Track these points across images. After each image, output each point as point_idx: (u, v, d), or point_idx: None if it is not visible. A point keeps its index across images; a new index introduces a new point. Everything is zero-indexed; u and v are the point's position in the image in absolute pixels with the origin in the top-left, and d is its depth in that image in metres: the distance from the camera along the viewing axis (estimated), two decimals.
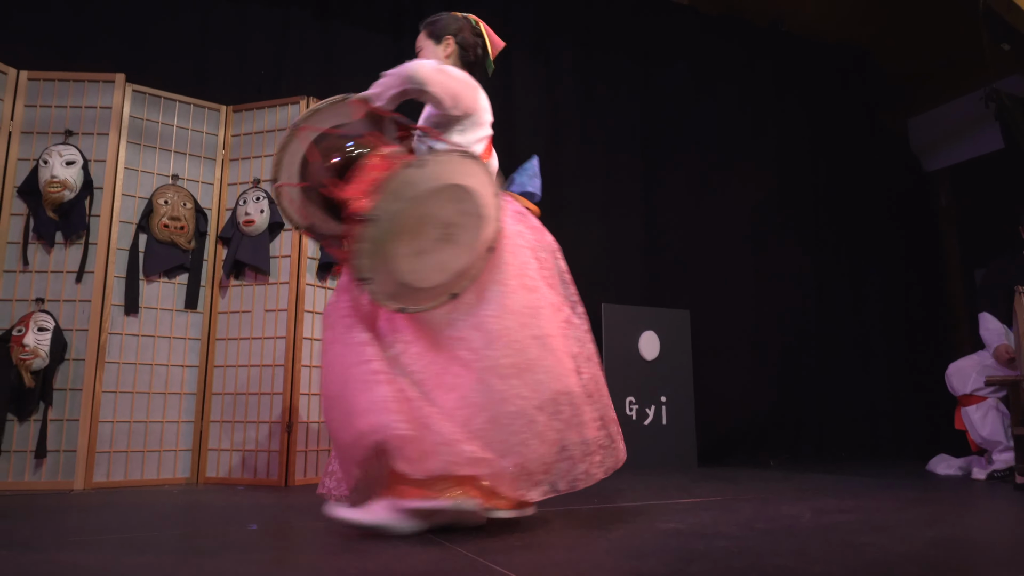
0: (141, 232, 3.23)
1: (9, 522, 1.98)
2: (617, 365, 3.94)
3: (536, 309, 1.79)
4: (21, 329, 2.94)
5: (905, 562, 1.44)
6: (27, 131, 3.14)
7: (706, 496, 2.60)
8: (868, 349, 5.16)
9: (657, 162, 4.75)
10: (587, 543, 1.66)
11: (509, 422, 1.69)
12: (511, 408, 1.69)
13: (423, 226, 1.61)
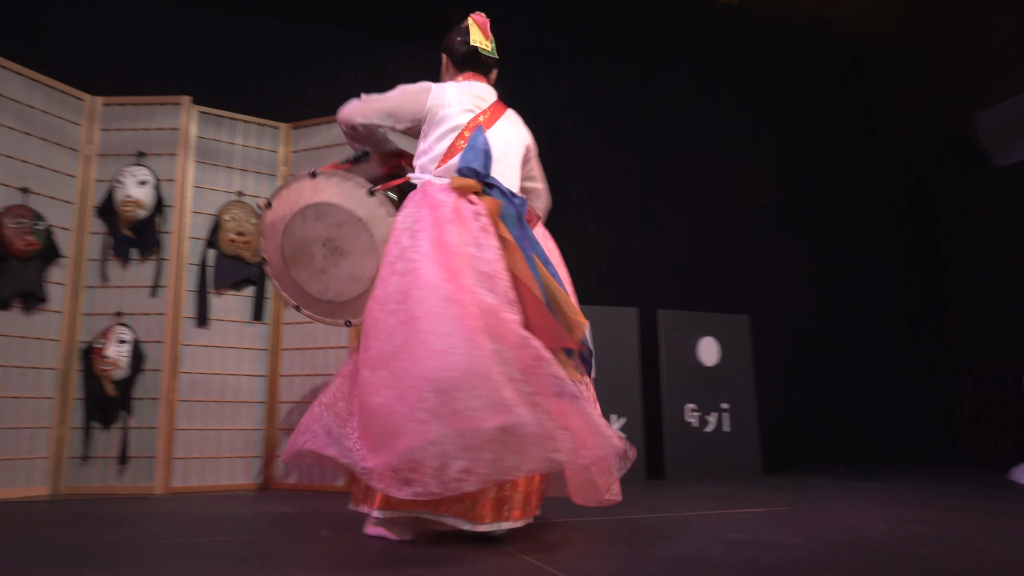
0: (209, 247, 3.36)
1: (97, 526, 2.09)
2: (675, 372, 3.90)
3: (406, 292, 1.67)
4: (102, 342, 3.10)
5: None
6: (103, 154, 3.30)
7: (773, 506, 2.55)
8: (947, 351, 4.95)
9: (710, 167, 4.68)
10: (653, 553, 1.64)
11: (374, 416, 1.59)
12: (376, 400, 1.59)
13: (306, 250, 1.86)
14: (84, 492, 3.02)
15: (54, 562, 1.57)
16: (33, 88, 3.08)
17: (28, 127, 3.05)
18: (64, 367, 3.09)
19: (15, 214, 2.94)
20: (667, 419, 3.85)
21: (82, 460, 3.06)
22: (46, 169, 3.11)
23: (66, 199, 3.18)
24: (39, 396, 3.01)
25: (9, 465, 2.88)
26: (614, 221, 4.40)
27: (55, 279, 3.10)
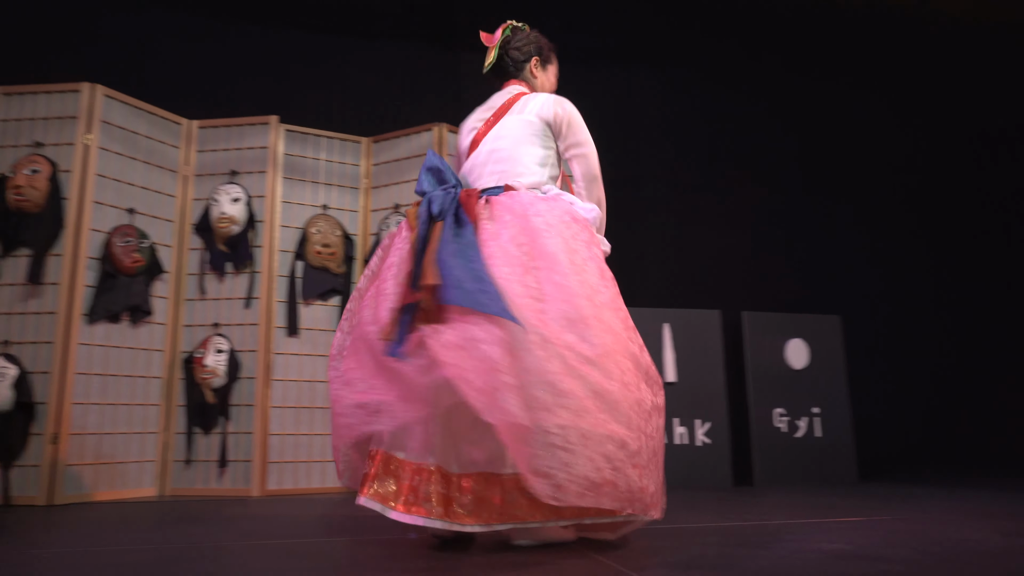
0: (297, 260, 3.51)
1: (201, 526, 2.21)
2: (762, 375, 3.78)
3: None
4: (202, 351, 3.28)
5: None
6: (199, 174, 3.50)
7: (873, 515, 2.42)
8: None
9: (794, 164, 4.53)
10: (745, 562, 1.60)
11: None
12: None
13: None
14: (187, 494, 3.20)
15: (162, 562, 1.67)
16: (137, 115, 3.31)
17: (133, 151, 3.28)
18: (168, 376, 3.29)
19: (122, 233, 3.15)
20: (755, 424, 3.73)
21: (185, 463, 3.24)
22: (149, 190, 3.32)
23: (167, 218, 3.39)
24: (147, 403, 3.21)
25: (121, 468, 3.09)
26: (695, 223, 4.32)
27: (159, 293, 3.30)
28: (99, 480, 3.01)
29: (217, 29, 3.95)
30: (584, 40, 4.46)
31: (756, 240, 4.38)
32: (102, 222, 3.13)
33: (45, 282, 2.99)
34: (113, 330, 3.12)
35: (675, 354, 3.67)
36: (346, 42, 4.11)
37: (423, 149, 3.58)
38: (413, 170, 3.60)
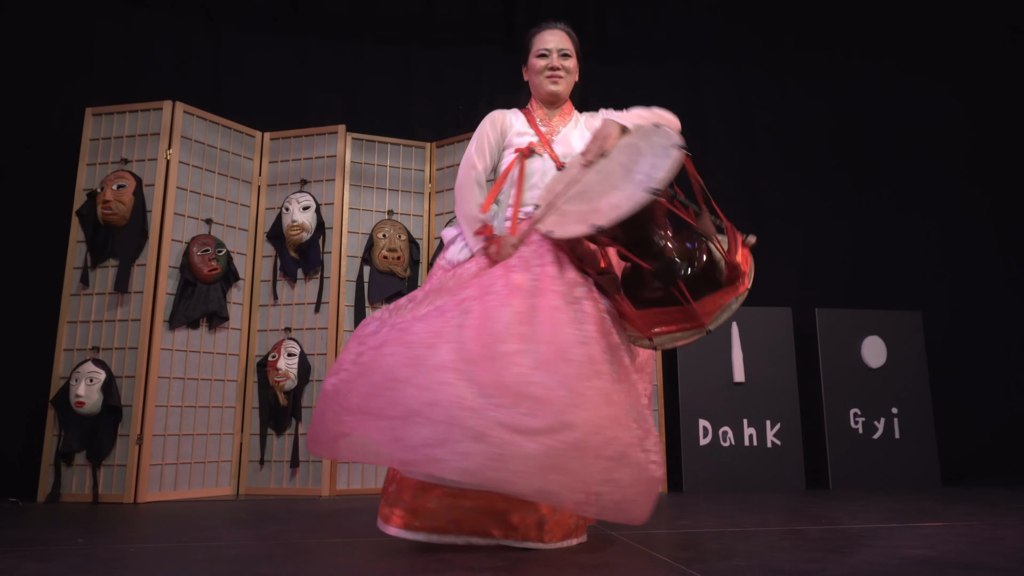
0: (365, 264, 3.59)
1: (279, 524, 2.28)
2: (837, 375, 3.64)
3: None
4: (275, 355, 3.39)
5: None
6: (271, 184, 3.63)
7: (958, 520, 2.30)
8: None
9: (869, 151, 4.36)
10: (822, 568, 1.54)
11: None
12: None
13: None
14: (261, 493, 3.31)
15: (239, 559, 1.73)
16: (213, 129, 3.46)
17: (210, 164, 3.43)
18: (243, 379, 3.42)
19: (201, 243, 3.30)
20: (829, 425, 3.60)
21: (260, 464, 3.36)
22: (225, 201, 3.47)
23: (242, 227, 3.53)
24: (223, 405, 3.34)
25: (200, 468, 3.22)
26: (766, 218, 4.21)
27: (234, 299, 3.44)
28: (180, 480, 3.15)
29: (285, 43, 4.08)
30: (653, 36, 4.42)
31: (829, 234, 4.23)
32: (181, 232, 3.29)
33: (130, 291, 3.15)
34: (192, 336, 3.27)
35: (743, 354, 3.58)
36: (410, 50, 4.19)
37: None
38: None
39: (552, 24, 2.15)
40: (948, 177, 4.38)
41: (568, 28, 2.15)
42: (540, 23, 2.17)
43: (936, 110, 4.44)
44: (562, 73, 2.08)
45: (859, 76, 4.46)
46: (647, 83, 4.28)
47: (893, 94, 4.46)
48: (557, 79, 2.09)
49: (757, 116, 4.36)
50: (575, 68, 2.12)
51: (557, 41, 2.10)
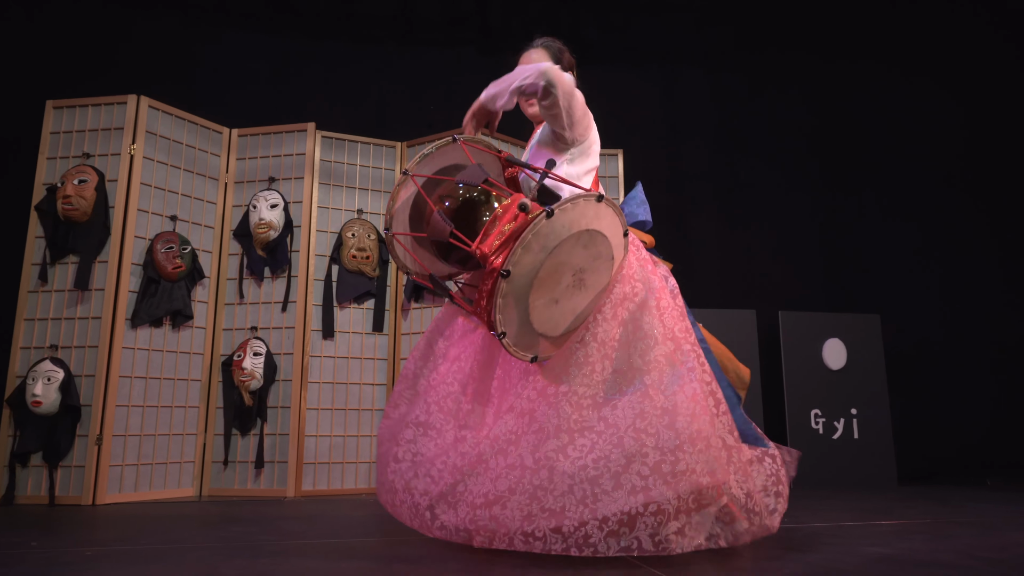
0: (333, 264, 3.56)
1: (245, 525, 2.25)
2: (798, 376, 3.73)
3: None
4: (240, 354, 3.34)
5: None
6: (238, 181, 3.58)
7: (914, 518, 2.37)
8: None
9: (834, 159, 4.46)
10: (782, 565, 1.58)
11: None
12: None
13: (557, 275, 1.56)
14: (225, 494, 3.27)
15: (202, 561, 1.70)
16: (179, 125, 3.40)
17: (175, 160, 3.36)
18: (207, 378, 3.37)
19: (165, 240, 3.24)
20: (791, 426, 3.68)
21: (223, 464, 3.31)
22: (190, 197, 3.41)
23: (208, 224, 3.47)
24: (187, 405, 3.29)
25: (161, 469, 3.16)
26: (730, 223, 4.28)
27: (199, 298, 3.38)
28: (140, 481, 3.08)
29: (257, 39, 4.04)
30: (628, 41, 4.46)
31: (792, 238, 4.32)
32: (145, 229, 3.22)
33: (91, 288, 3.08)
34: (155, 334, 3.20)
35: None
36: (381, 49, 4.18)
37: None
38: None
39: (530, 44, 2.13)
40: (910, 183, 4.50)
41: (548, 43, 2.12)
42: (525, 44, 2.16)
43: (898, 118, 4.56)
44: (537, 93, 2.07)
45: (830, 80, 4.56)
46: (623, 86, 4.33)
47: (861, 101, 4.57)
48: (533, 101, 2.08)
49: (729, 119, 4.43)
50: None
51: (528, 62, 2.09)
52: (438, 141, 1.77)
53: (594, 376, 1.61)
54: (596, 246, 1.61)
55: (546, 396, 1.59)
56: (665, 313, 1.73)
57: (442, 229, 1.63)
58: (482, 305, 1.56)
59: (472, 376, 1.77)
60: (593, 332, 1.65)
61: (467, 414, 1.73)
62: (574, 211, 1.53)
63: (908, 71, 4.64)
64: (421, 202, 1.72)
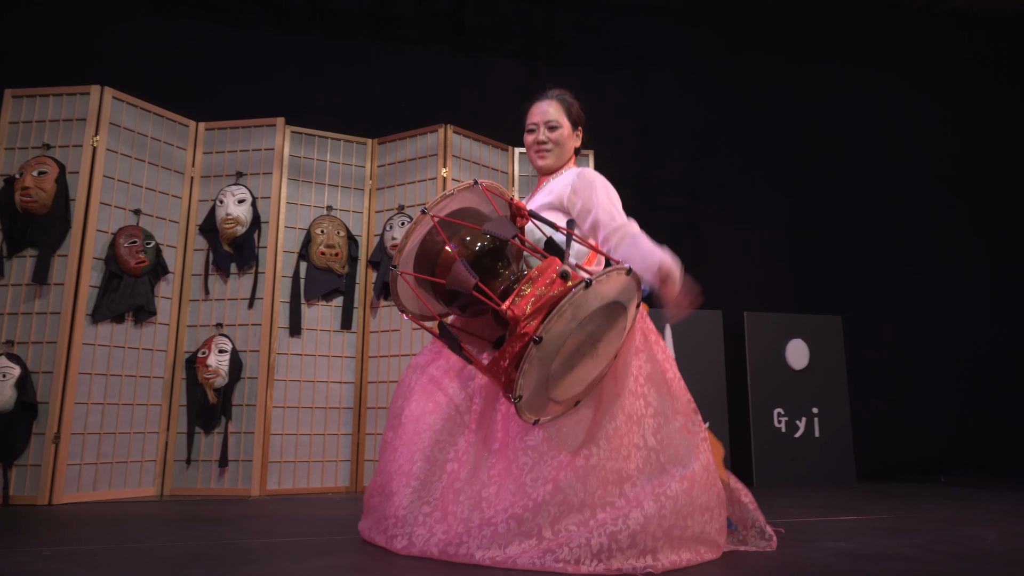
0: (301, 260, 3.52)
1: (208, 524, 2.21)
2: (762, 375, 3.80)
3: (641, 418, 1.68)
4: (205, 351, 3.28)
5: None
6: (205, 175, 3.52)
7: (874, 514, 2.44)
8: None
9: (801, 163, 4.56)
10: (748, 561, 1.61)
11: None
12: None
13: (580, 343, 1.56)
14: (187, 493, 3.21)
15: (167, 561, 1.68)
16: (144, 117, 3.32)
17: (140, 153, 3.29)
18: (170, 376, 3.30)
19: (128, 234, 3.16)
20: (754, 424, 3.75)
21: (186, 463, 3.25)
22: (155, 191, 3.34)
23: (173, 219, 3.40)
24: (149, 403, 3.22)
25: (122, 468, 3.09)
26: (697, 223, 4.34)
27: (163, 294, 3.32)
28: (99, 480, 3.01)
29: (224, 31, 3.98)
30: (602, 41, 4.50)
31: (759, 240, 4.40)
32: (108, 223, 3.14)
33: (50, 282, 3.00)
34: (117, 330, 3.13)
35: (676, 354, 3.69)
36: (353, 45, 4.15)
37: (428, 150, 3.61)
38: (418, 171, 3.62)
39: (543, 95, 2.12)
40: (873, 187, 4.62)
41: (562, 94, 2.10)
42: (536, 93, 2.12)
43: (866, 121, 4.68)
44: (549, 147, 2.06)
45: (799, 83, 4.66)
46: (595, 86, 4.36)
47: (831, 105, 4.68)
48: (544, 154, 2.07)
49: (699, 121, 4.49)
50: (566, 137, 2.08)
51: (543, 113, 2.07)
52: (459, 184, 1.72)
53: (621, 451, 1.60)
54: (616, 317, 1.61)
55: (574, 468, 1.56)
56: (674, 384, 1.75)
57: (464, 280, 1.58)
58: (502, 366, 1.52)
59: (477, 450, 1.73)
60: (621, 405, 1.64)
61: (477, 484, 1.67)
62: (608, 283, 1.53)
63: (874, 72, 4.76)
64: (431, 243, 1.67)
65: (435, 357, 1.89)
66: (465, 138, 3.65)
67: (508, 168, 3.84)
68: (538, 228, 1.75)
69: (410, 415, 1.78)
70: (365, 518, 1.87)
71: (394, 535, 1.67)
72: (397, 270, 1.68)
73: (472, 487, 1.64)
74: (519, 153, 3.86)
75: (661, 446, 1.64)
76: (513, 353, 1.50)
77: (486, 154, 3.76)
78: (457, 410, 1.76)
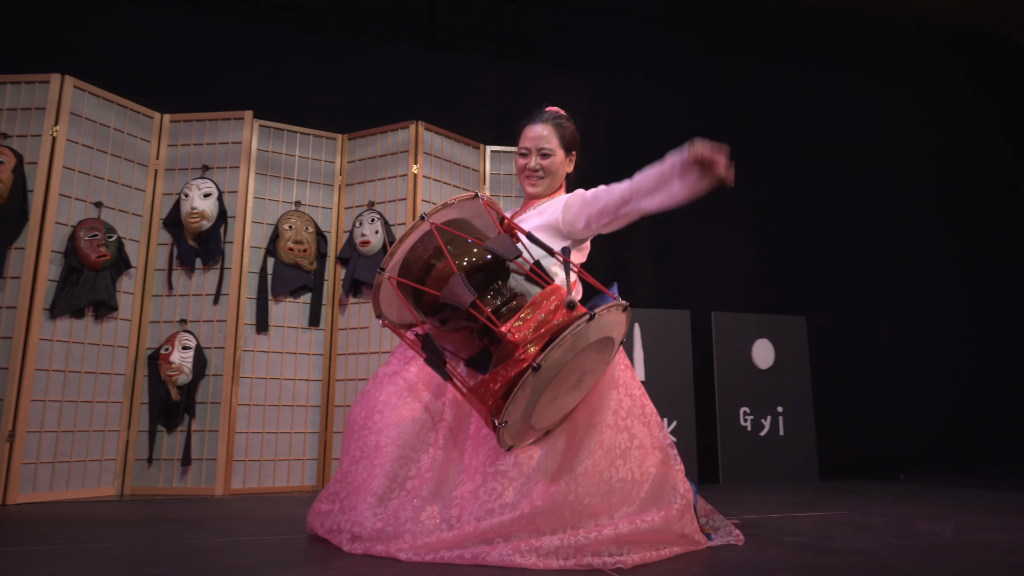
0: (269, 256, 3.47)
1: (169, 524, 2.17)
2: (729, 375, 3.85)
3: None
4: (168, 348, 3.22)
5: None
6: (170, 168, 3.45)
7: (835, 510, 2.48)
8: (1018, 354, 4.75)
9: (768, 164, 4.62)
10: (712, 555, 1.63)
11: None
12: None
13: (570, 374, 1.55)
14: (149, 493, 3.14)
15: (125, 561, 1.64)
16: (107, 107, 3.24)
17: (102, 144, 3.21)
18: (132, 373, 3.23)
19: (89, 227, 3.09)
20: (721, 423, 3.80)
21: (147, 462, 3.18)
22: (117, 184, 3.26)
23: (136, 212, 3.33)
24: (109, 400, 3.14)
25: (80, 467, 3.02)
26: (666, 223, 4.38)
27: (125, 288, 3.24)
28: (56, 480, 2.93)
29: (192, 22, 3.90)
30: (574, 42, 4.51)
31: (726, 241, 4.46)
32: (67, 215, 3.06)
33: (6, 276, 2.91)
34: (76, 325, 3.05)
35: (644, 353, 3.72)
36: (324, 39, 4.10)
37: (399, 147, 3.58)
38: (388, 167, 3.59)
39: (538, 116, 2.06)
40: (838, 190, 4.71)
41: (557, 117, 2.05)
42: (532, 113, 2.07)
43: (833, 124, 4.77)
44: (541, 175, 2.03)
45: (769, 86, 4.72)
46: (567, 88, 4.37)
47: (798, 108, 4.76)
48: (535, 182, 2.04)
49: (668, 122, 4.52)
50: (559, 164, 2.04)
51: (537, 139, 2.02)
52: (460, 195, 1.67)
53: (601, 486, 1.58)
54: (605, 352, 1.61)
55: (549, 498, 1.52)
56: (651, 419, 1.75)
57: (461, 295, 1.53)
58: (492, 389, 1.48)
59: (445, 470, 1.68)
60: (600, 440, 1.62)
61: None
62: (608, 317, 1.52)
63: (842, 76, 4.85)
64: (423, 251, 1.62)
65: (404, 366, 1.82)
66: (437, 135, 3.64)
67: (480, 166, 3.84)
68: (526, 250, 1.71)
69: (376, 427, 1.72)
70: (318, 516, 1.81)
71: (348, 544, 1.64)
72: (384, 274, 1.61)
73: (433, 506, 1.59)
74: (491, 151, 3.85)
75: (644, 478, 1.63)
76: (507, 378, 1.46)
77: (458, 152, 3.75)
78: (423, 426, 1.70)
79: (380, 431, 1.71)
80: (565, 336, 1.43)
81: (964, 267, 4.85)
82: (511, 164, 3.86)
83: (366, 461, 1.70)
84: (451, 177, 3.70)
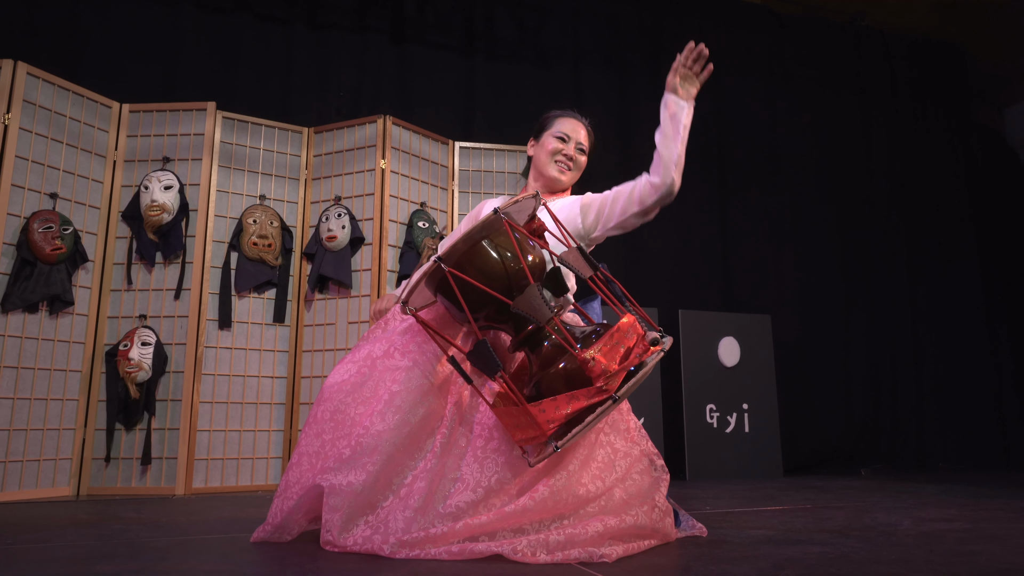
0: (232, 250, 3.41)
1: (124, 523, 2.11)
2: (695, 372, 3.88)
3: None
4: (127, 344, 3.14)
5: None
6: (129, 159, 3.37)
7: (795, 504, 2.52)
8: (970, 354, 4.88)
9: (733, 166, 4.68)
10: (671, 548, 1.63)
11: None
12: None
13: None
14: (106, 493, 3.06)
15: (75, 560, 1.60)
16: (63, 96, 3.15)
17: (57, 134, 3.12)
18: (88, 369, 3.15)
19: (43, 219, 3.00)
20: (688, 419, 3.83)
21: (105, 461, 3.10)
22: (74, 175, 3.17)
23: (93, 204, 3.24)
24: (64, 398, 3.06)
25: (34, 466, 2.93)
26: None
27: (81, 283, 3.15)
28: (9, 480, 2.84)
29: (154, 10, 3.81)
30: (541, 40, 4.51)
31: (693, 240, 4.50)
32: (20, 206, 2.97)
33: None
34: (30, 320, 2.96)
35: None
36: (291, 30, 4.03)
37: (366, 141, 3.54)
38: (355, 162, 3.55)
39: (577, 113, 2.11)
40: (803, 191, 4.78)
41: (589, 124, 2.14)
42: (566, 108, 2.12)
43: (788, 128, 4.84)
44: (572, 165, 2.06)
45: (733, 88, 4.78)
46: (533, 84, 4.37)
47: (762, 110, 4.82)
48: (566, 169, 2.05)
49: (635, 121, 4.55)
50: (583, 166, 2.12)
51: (577, 131, 2.07)
52: (524, 194, 1.58)
53: (589, 488, 1.56)
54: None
55: (536, 495, 1.51)
56: (633, 433, 1.73)
57: (540, 308, 1.46)
58: (559, 414, 1.39)
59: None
60: (593, 455, 1.61)
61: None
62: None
63: (802, 80, 4.93)
64: (495, 248, 1.50)
65: (389, 352, 1.67)
66: (405, 130, 3.60)
67: (448, 162, 3.81)
68: (553, 251, 1.64)
69: (375, 428, 1.58)
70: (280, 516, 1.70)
71: (326, 540, 1.58)
72: (445, 268, 1.46)
73: (425, 516, 1.52)
74: (460, 147, 3.83)
75: (626, 492, 1.62)
76: (580, 406, 1.39)
77: (426, 147, 3.72)
78: (420, 432, 1.59)
79: (377, 434, 1.58)
80: (646, 372, 1.44)
81: (924, 266, 4.96)
82: (480, 160, 3.84)
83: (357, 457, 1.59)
84: (420, 172, 3.67)
